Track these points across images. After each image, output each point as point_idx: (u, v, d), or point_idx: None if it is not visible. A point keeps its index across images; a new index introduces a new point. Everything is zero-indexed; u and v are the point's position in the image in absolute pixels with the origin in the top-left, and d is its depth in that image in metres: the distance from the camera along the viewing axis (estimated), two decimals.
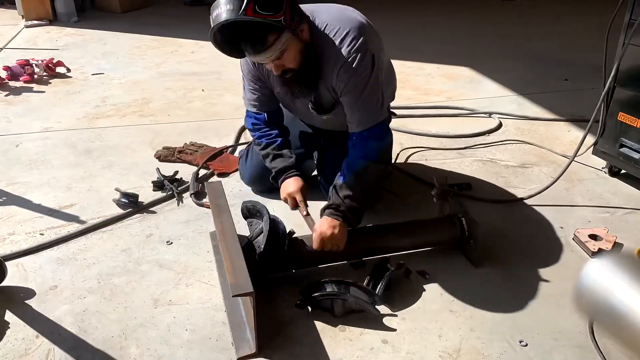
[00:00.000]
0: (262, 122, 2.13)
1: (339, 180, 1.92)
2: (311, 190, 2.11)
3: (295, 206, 2.00)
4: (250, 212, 1.95)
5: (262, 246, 1.74)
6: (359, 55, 1.80)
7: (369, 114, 1.92)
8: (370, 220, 2.10)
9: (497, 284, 1.88)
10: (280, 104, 2.19)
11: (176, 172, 2.55)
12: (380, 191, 2.36)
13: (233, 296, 1.46)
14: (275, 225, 1.80)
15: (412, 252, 2.00)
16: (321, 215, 1.89)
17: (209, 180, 2.53)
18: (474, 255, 1.96)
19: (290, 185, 2.01)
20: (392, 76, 2.20)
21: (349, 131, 1.98)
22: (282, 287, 1.84)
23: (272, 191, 2.28)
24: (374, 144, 1.93)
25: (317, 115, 2.09)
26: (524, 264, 1.98)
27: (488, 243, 2.02)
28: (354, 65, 1.80)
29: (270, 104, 2.11)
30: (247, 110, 2.16)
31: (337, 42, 1.81)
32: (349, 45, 1.80)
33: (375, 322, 1.69)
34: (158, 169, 2.55)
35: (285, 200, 2.02)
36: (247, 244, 1.80)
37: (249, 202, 1.95)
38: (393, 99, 2.26)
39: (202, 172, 2.60)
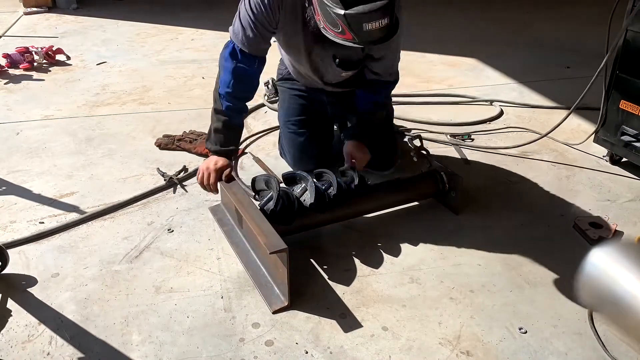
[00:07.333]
0: (244, 75, 2.00)
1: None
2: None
3: (215, 180, 1.97)
4: (260, 185, 2.00)
5: (269, 211, 1.85)
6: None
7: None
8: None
9: (497, 272, 1.88)
10: (289, 55, 2.22)
11: (179, 172, 2.46)
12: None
13: (270, 253, 1.59)
14: (284, 193, 1.91)
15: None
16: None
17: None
18: (455, 205, 2.19)
19: (222, 161, 2.01)
20: None
21: (375, 79, 2.16)
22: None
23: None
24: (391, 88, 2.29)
25: (336, 71, 2.13)
26: (524, 252, 1.99)
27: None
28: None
29: (261, 50, 2.04)
30: (234, 48, 1.99)
31: None
32: None
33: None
34: (159, 169, 2.48)
35: (204, 172, 1.99)
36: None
37: (259, 175, 2.02)
38: None
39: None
